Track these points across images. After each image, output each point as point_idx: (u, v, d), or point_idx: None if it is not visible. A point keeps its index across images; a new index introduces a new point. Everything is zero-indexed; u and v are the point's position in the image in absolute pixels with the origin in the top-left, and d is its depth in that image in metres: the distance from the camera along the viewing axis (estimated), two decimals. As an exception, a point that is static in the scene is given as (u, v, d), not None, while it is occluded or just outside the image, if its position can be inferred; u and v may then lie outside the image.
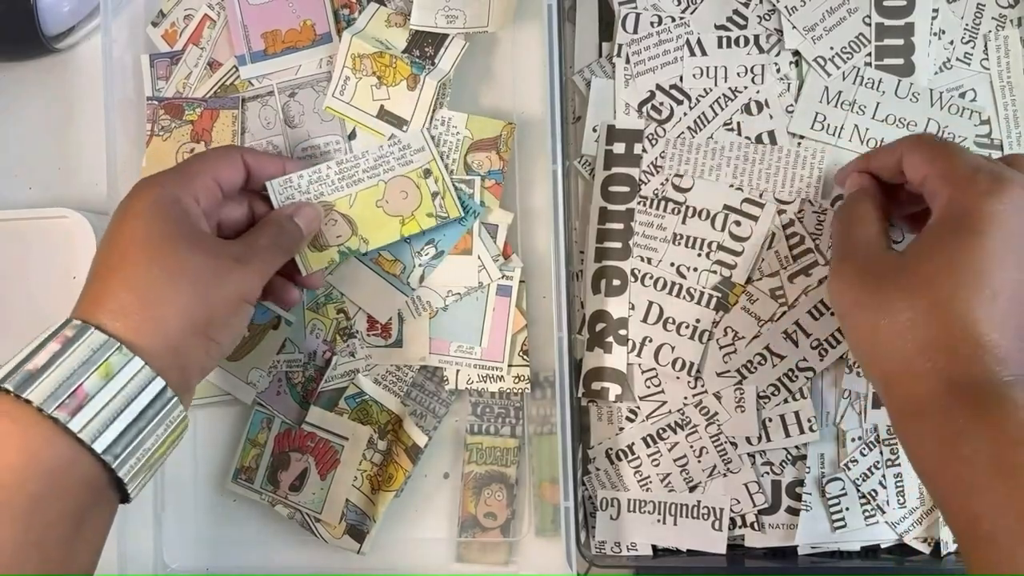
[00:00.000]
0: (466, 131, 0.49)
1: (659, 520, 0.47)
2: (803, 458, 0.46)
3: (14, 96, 0.56)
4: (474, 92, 0.51)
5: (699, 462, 0.47)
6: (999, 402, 0.32)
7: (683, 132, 0.48)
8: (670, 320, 0.47)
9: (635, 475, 0.47)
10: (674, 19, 0.49)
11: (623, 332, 0.48)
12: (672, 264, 0.48)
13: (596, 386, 0.48)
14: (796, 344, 0.46)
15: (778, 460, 0.46)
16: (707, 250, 0.47)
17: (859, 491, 0.45)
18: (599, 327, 0.48)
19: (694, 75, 0.48)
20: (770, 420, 0.46)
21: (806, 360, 0.46)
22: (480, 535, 0.49)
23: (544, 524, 0.49)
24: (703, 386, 0.47)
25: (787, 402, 0.46)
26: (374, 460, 0.49)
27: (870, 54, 0.47)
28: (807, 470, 0.46)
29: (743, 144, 0.47)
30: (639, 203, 0.48)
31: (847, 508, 0.45)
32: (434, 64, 0.48)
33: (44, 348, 0.35)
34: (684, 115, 0.48)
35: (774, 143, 0.47)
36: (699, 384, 0.47)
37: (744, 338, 0.47)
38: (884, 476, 0.45)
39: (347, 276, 0.50)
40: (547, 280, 0.48)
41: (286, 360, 0.50)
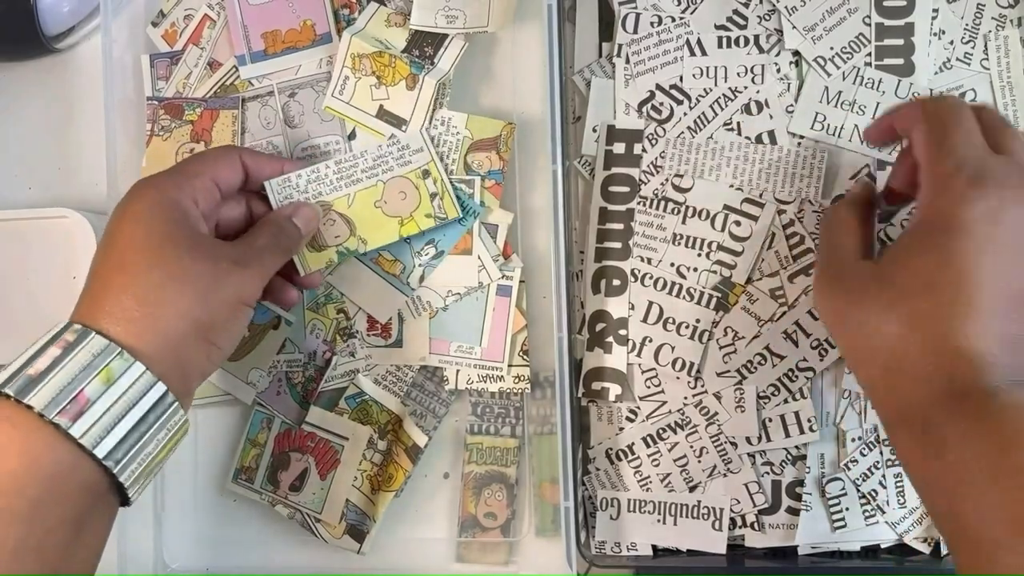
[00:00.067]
0: (466, 131, 0.49)
1: (659, 520, 0.47)
2: (803, 458, 0.46)
3: (14, 96, 0.56)
4: (474, 92, 0.51)
5: (699, 462, 0.47)
6: (982, 409, 0.32)
7: (683, 132, 0.48)
8: (670, 320, 0.47)
9: (635, 475, 0.47)
10: (674, 19, 0.49)
11: (623, 332, 0.48)
12: (672, 264, 0.48)
13: (596, 386, 0.48)
14: (796, 344, 0.46)
15: (778, 460, 0.46)
16: (707, 250, 0.47)
17: (859, 491, 0.45)
18: (599, 327, 0.48)
19: (694, 75, 0.48)
20: (770, 420, 0.46)
21: (806, 360, 0.46)
22: (480, 535, 0.49)
23: (544, 524, 0.49)
24: (703, 386, 0.47)
25: (787, 402, 0.46)
26: (374, 460, 0.49)
27: (870, 54, 0.47)
28: (807, 470, 0.46)
29: (743, 144, 0.47)
30: (639, 203, 0.48)
31: (847, 508, 0.45)
32: (433, 64, 0.48)
33: (45, 353, 0.35)
34: (684, 115, 0.48)
35: (774, 143, 0.47)
36: (699, 384, 0.47)
37: (744, 338, 0.47)
38: (884, 476, 0.45)
39: (347, 276, 0.50)
40: (547, 280, 0.48)
41: (286, 360, 0.50)
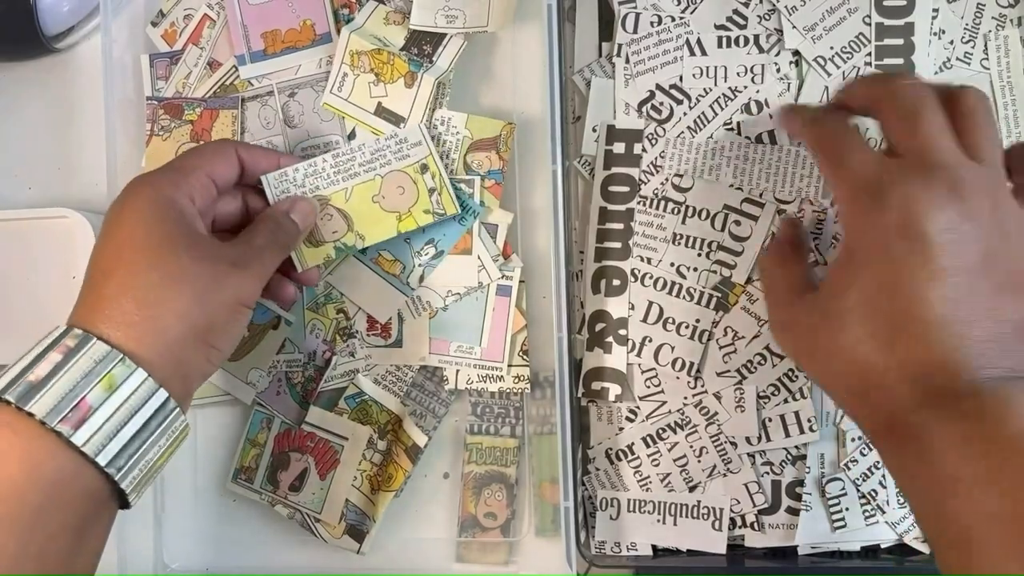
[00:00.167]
0: (466, 131, 0.49)
1: (659, 520, 0.47)
2: (803, 458, 0.46)
3: (14, 96, 0.56)
4: (474, 92, 0.51)
5: (699, 462, 0.47)
6: (920, 433, 0.33)
7: (683, 132, 0.48)
8: (670, 320, 0.47)
9: (635, 475, 0.47)
10: (674, 19, 0.49)
11: (623, 332, 0.48)
12: (672, 264, 0.48)
13: (596, 386, 0.48)
14: (796, 344, 0.46)
15: (778, 460, 0.46)
16: (707, 250, 0.47)
17: (859, 491, 0.45)
18: (599, 327, 0.48)
19: (694, 75, 0.48)
20: (770, 420, 0.46)
21: (806, 360, 0.46)
22: (480, 535, 0.49)
23: (544, 524, 0.49)
24: (703, 386, 0.47)
25: (787, 402, 0.46)
26: (374, 460, 0.49)
27: (870, 54, 0.47)
28: (807, 470, 0.46)
29: (743, 144, 0.47)
30: (639, 203, 0.48)
31: (847, 508, 0.45)
32: (432, 62, 0.48)
33: (45, 358, 0.34)
34: (684, 115, 0.48)
35: (774, 143, 0.47)
36: (699, 384, 0.47)
37: (744, 338, 0.47)
38: (884, 476, 0.45)
39: (347, 276, 0.50)
40: (547, 280, 0.48)
41: (286, 360, 0.50)
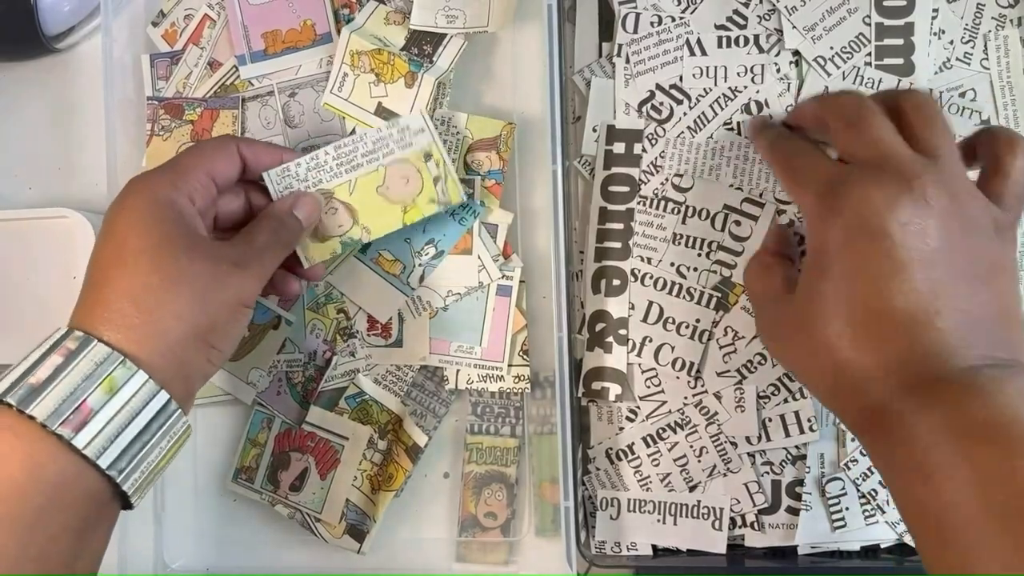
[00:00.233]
0: (466, 131, 0.49)
1: (659, 520, 0.47)
2: (803, 458, 0.46)
3: (14, 96, 0.56)
4: (474, 92, 0.51)
5: (699, 462, 0.47)
6: (897, 421, 0.33)
7: (683, 132, 0.48)
8: (670, 320, 0.47)
9: (635, 475, 0.47)
10: (674, 19, 0.49)
11: (623, 332, 0.48)
12: (672, 264, 0.48)
13: (596, 386, 0.48)
14: (796, 344, 0.46)
15: (778, 460, 0.46)
16: (707, 250, 0.47)
17: (859, 491, 0.45)
18: (599, 327, 0.48)
19: (694, 75, 0.48)
20: (770, 420, 0.46)
21: (806, 360, 0.46)
22: (480, 535, 0.49)
23: (544, 524, 0.49)
24: (703, 386, 0.47)
25: (787, 402, 0.46)
26: (374, 460, 0.49)
27: (870, 54, 0.47)
28: (807, 470, 0.46)
29: (743, 144, 0.47)
30: (639, 203, 0.48)
31: (847, 508, 0.45)
32: (432, 62, 0.48)
33: (46, 361, 0.34)
34: (684, 115, 0.48)
35: (774, 143, 0.47)
36: (699, 384, 0.47)
37: (744, 338, 0.47)
38: (884, 476, 0.45)
39: (347, 276, 0.50)
40: (547, 280, 0.48)
41: (286, 360, 0.50)
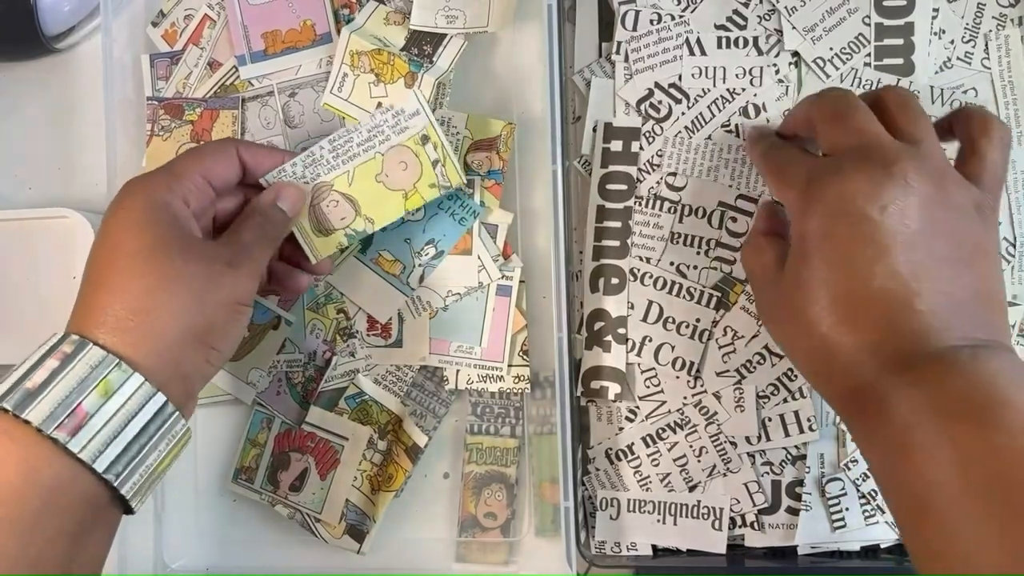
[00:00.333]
0: (466, 131, 0.49)
1: (659, 520, 0.47)
2: (803, 458, 0.46)
3: (14, 96, 0.56)
4: (474, 92, 0.51)
5: (699, 462, 0.47)
6: (880, 400, 0.33)
7: (680, 132, 0.48)
8: (670, 319, 0.47)
9: (635, 475, 0.47)
10: (674, 17, 0.49)
11: (622, 331, 0.48)
12: (672, 263, 0.48)
13: (595, 385, 0.48)
14: (796, 344, 0.46)
15: (778, 460, 0.46)
16: (705, 248, 0.47)
17: (859, 491, 0.45)
18: (597, 326, 0.48)
19: (693, 75, 0.48)
20: (770, 419, 0.46)
21: (806, 360, 0.46)
22: (480, 535, 0.49)
23: (544, 524, 0.49)
24: (703, 386, 0.47)
25: (787, 401, 0.46)
26: (374, 460, 0.49)
27: (869, 55, 0.47)
28: (807, 470, 0.46)
29: (741, 147, 0.47)
30: (635, 202, 0.48)
31: (847, 508, 0.45)
32: (432, 62, 0.48)
33: (42, 365, 0.34)
34: (682, 114, 0.48)
35: (773, 144, 0.47)
36: (699, 384, 0.47)
37: (744, 337, 0.47)
38: (884, 476, 0.45)
39: (347, 276, 0.50)
40: (547, 280, 0.48)
41: (286, 360, 0.50)
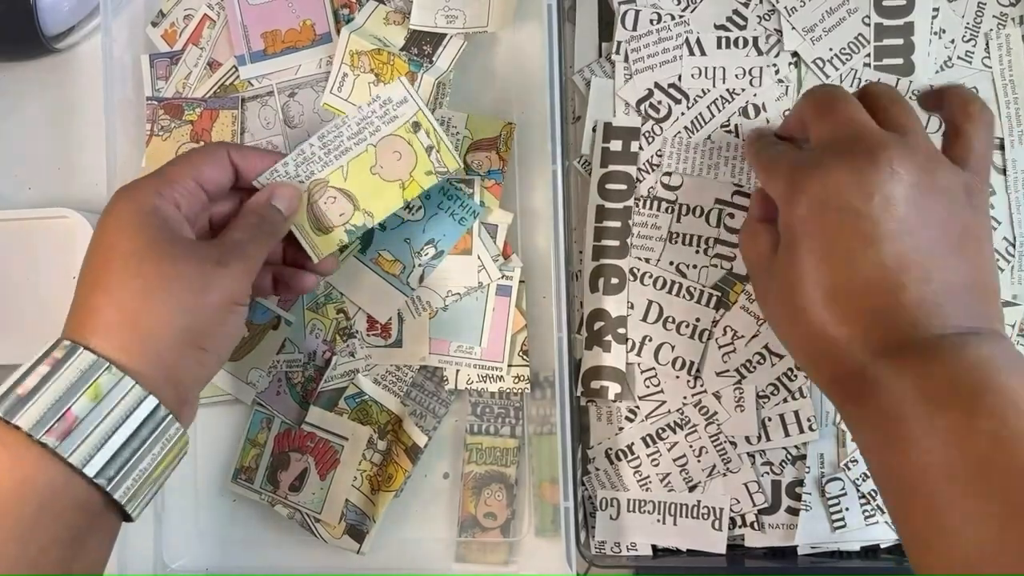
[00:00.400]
0: (466, 131, 0.49)
1: (659, 520, 0.47)
2: (803, 458, 0.46)
3: (14, 96, 0.56)
4: (474, 92, 0.51)
5: (699, 462, 0.47)
6: (872, 385, 0.33)
7: (680, 132, 0.48)
8: (670, 319, 0.47)
9: (635, 475, 0.47)
10: (674, 17, 0.48)
11: (622, 331, 0.48)
12: (671, 263, 0.48)
13: (595, 385, 0.48)
14: (796, 343, 0.46)
15: (778, 460, 0.46)
16: (704, 246, 0.47)
17: (859, 491, 0.45)
18: (597, 325, 0.48)
19: (692, 75, 0.48)
20: (769, 419, 0.46)
21: (806, 359, 0.46)
22: (480, 535, 0.49)
23: (544, 524, 0.49)
24: (702, 385, 0.47)
25: (786, 401, 0.46)
26: (374, 460, 0.49)
27: (869, 55, 0.47)
28: (807, 470, 0.46)
29: (741, 146, 0.47)
30: (635, 202, 0.48)
31: (847, 508, 0.45)
32: (432, 62, 0.48)
33: (34, 371, 0.34)
34: (682, 114, 0.48)
35: (773, 144, 0.47)
36: (698, 384, 0.47)
37: (743, 337, 0.47)
38: (884, 476, 0.45)
39: (347, 276, 0.50)
40: (547, 280, 0.48)
41: (286, 360, 0.50)
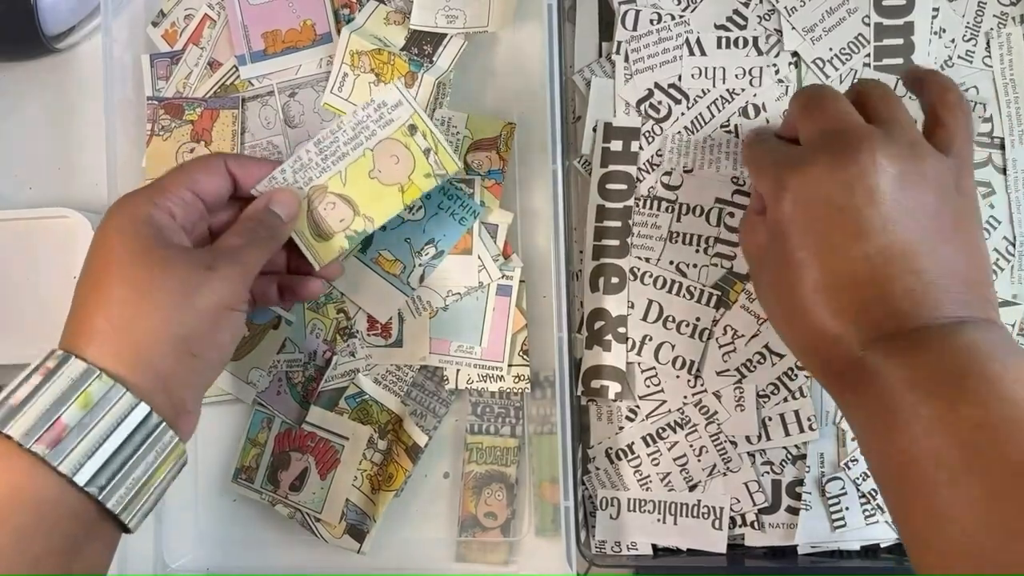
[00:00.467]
0: (466, 131, 0.49)
1: (659, 519, 0.47)
2: (803, 457, 0.46)
3: (14, 96, 0.56)
4: (474, 92, 0.51)
5: (699, 461, 0.47)
6: (868, 373, 0.34)
7: (680, 132, 0.48)
8: (670, 319, 0.47)
9: (635, 474, 0.47)
10: (674, 17, 0.49)
11: (622, 330, 0.48)
12: (671, 262, 0.48)
13: (595, 384, 0.48)
14: (796, 343, 0.46)
15: (778, 459, 0.46)
16: (704, 245, 0.47)
17: (859, 491, 0.45)
18: (597, 325, 0.48)
19: (692, 75, 0.48)
20: (770, 419, 0.46)
21: (806, 359, 0.46)
22: (480, 535, 0.49)
23: (544, 524, 0.49)
24: (703, 385, 0.47)
25: (787, 401, 0.46)
26: (374, 460, 0.49)
27: (869, 55, 0.47)
28: (807, 469, 0.46)
29: (740, 144, 0.47)
30: (635, 202, 0.48)
31: (847, 507, 0.45)
32: (432, 62, 0.48)
33: (28, 381, 0.34)
34: (682, 115, 0.48)
35: (773, 143, 0.47)
36: (699, 383, 0.47)
37: (744, 336, 0.47)
38: (884, 475, 0.45)
39: (347, 276, 0.50)
40: (547, 280, 0.48)
41: (286, 360, 0.50)
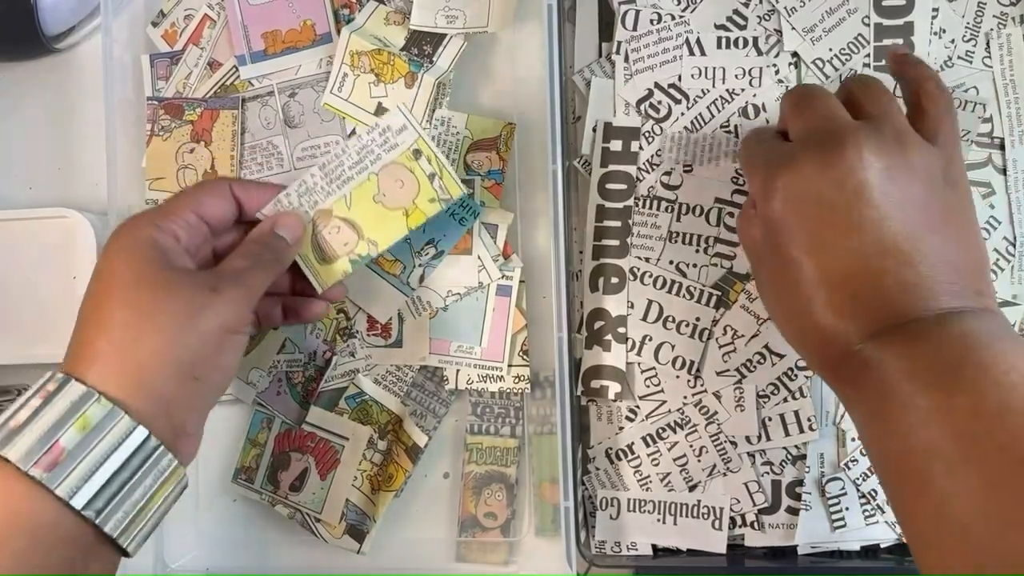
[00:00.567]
0: (466, 131, 0.49)
1: (659, 520, 0.47)
2: (803, 457, 0.46)
3: (14, 96, 0.56)
4: (474, 92, 0.51)
5: (699, 461, 0.47)
6: (867, 364, 0.34)
7: (680, 132, 0.48)
8: (670, 319, 0.47)
9: (635, 475, 0.47)
10: (674, 17, 0.49)
11: (622, 330, 0.48)
12: (671, 262, 0.48)
13: (595, 384, 0.48)
14: (796, 343, 0.46)
15: (778, 460, 0.46)
16: (704, 245, 0.47)
17: (859, 491, 0.45)
18: (597, 325, 0.48)
19: (692, 75, 0.48)
20: (770, 419, 0.46)
21: (806, 359, 0.46)
22: (480, 535, 0.49)
23: (544, 524, 0.49)
24: (703, 385, 0.47)
25: (787, 401, 0.46)
26: (374, 460, 0.49)
27: (868, 55, 0.47)
28: (807, 470, 0.46)
29: (740, 144, 0.47)
30: (635, 202, 0.48)
31: (847, 508, 0.45)
32: (432, 62, 0.48)
33: (27, 404, 0.34)
34: (682, 115, 0.48)
35: (773, 143, 0.47)
36: (699, 383, 0.47)
37: (744, 337, 0.47)
38: (884, 475, 0.45)
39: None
40: (547, 280, 0.48)
41: (286, 360, 0.50)
